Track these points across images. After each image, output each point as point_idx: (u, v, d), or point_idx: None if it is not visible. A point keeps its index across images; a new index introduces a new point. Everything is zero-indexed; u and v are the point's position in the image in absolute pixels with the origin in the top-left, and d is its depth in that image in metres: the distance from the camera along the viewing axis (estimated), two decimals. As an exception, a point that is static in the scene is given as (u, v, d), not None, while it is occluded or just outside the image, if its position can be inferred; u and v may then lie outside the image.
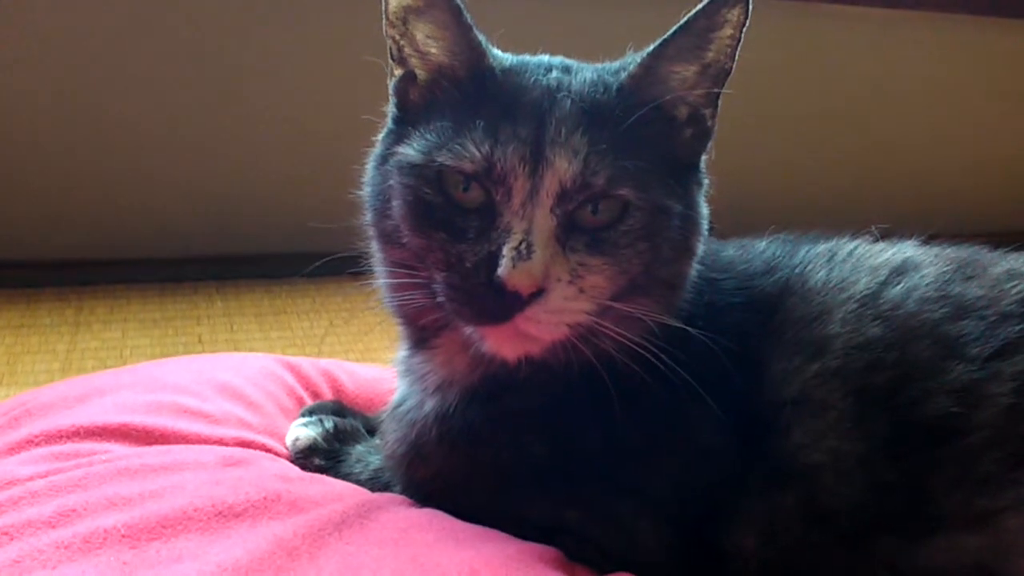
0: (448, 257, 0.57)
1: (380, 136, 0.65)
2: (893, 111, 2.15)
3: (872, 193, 2.17)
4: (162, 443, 0.64)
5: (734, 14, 0.59)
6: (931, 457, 0.59)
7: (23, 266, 1.62)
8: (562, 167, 0.55)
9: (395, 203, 0.60)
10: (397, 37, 0.63)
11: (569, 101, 0.57)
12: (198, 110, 1.68)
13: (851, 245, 0.70)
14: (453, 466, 0.64)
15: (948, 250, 0.69)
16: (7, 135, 1.61)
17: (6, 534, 0.50)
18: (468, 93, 0.59)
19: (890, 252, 0.68)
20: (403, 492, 0.68)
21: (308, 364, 0.91)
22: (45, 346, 1.37)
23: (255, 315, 1.57)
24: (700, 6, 0.59)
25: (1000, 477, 0.57)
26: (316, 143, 1.76)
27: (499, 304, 0.54)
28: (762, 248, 0.72)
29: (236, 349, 1.43)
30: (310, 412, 0.81)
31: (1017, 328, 0.61)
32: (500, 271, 0.53)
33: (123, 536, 0.50)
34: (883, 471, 0.59)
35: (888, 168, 2.20)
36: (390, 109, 0.64)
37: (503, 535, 0.61)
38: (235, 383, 0.79)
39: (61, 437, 0.64)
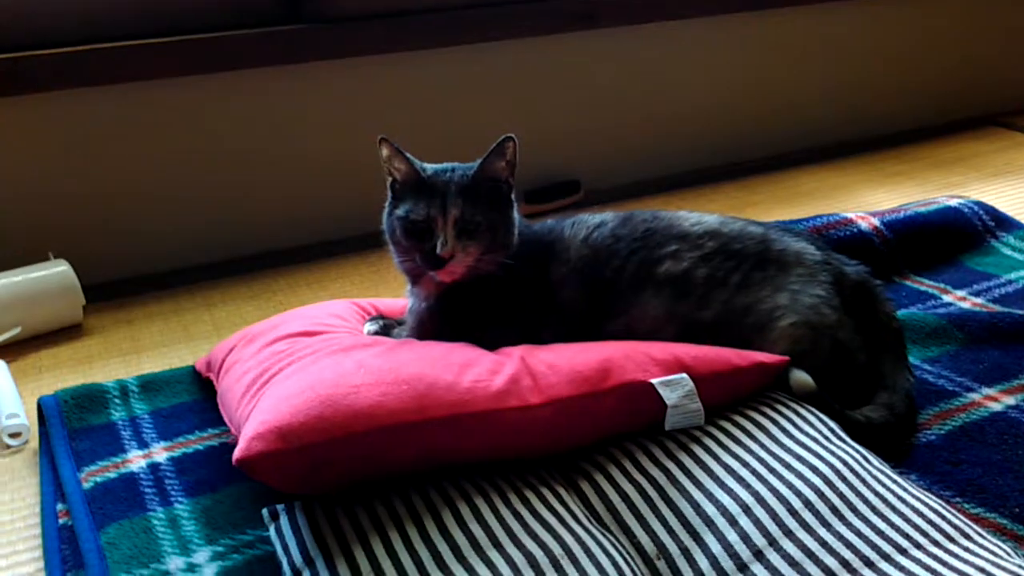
0: (419, 248, 1.52)
1: (387, 203, 1.59)
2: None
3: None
4: (322, 334, 1.63)
5: (512, 143, 1.53)
6: (607, 293, 1.53)
7: (167, 273, 2.51)
8: (455, 213, 1.48)
9: (397, 231, 1.55)
10: (387, 166, 1.57)
11: (454, 186, 1.50)
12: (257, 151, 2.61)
13: (583, 218, 1.66)
14: (436, 327, 1.58)
15: (622, 214, 1.68)
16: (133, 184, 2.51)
17: (301, 358, 1.45)
18: (415, 188, 1.52)
19: (597, 219, 1.66)
20: (418, 341, 1.66)
21: (363, 301, 1.89)
22: (199, 319, 2.24)
23: (306, 284, 2.46)
24: (496, 142, 1.54)
25: (629, 296, 1.54)
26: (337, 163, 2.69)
27: (438, 263, 1.48)
28: (549, 223, 1.68)
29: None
30: (372, 320, 1.78)
31: (636, 244, 1.55)
32: (438, 251, 1.48)
33: (337, 351, 1.44)
34: (591, 301, 1.54)
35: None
36: (388, 193, 1.60)
37: (461, 344, 1.53)
38: (337, 312, 1.73)
39: (283, 339, 1.58)
